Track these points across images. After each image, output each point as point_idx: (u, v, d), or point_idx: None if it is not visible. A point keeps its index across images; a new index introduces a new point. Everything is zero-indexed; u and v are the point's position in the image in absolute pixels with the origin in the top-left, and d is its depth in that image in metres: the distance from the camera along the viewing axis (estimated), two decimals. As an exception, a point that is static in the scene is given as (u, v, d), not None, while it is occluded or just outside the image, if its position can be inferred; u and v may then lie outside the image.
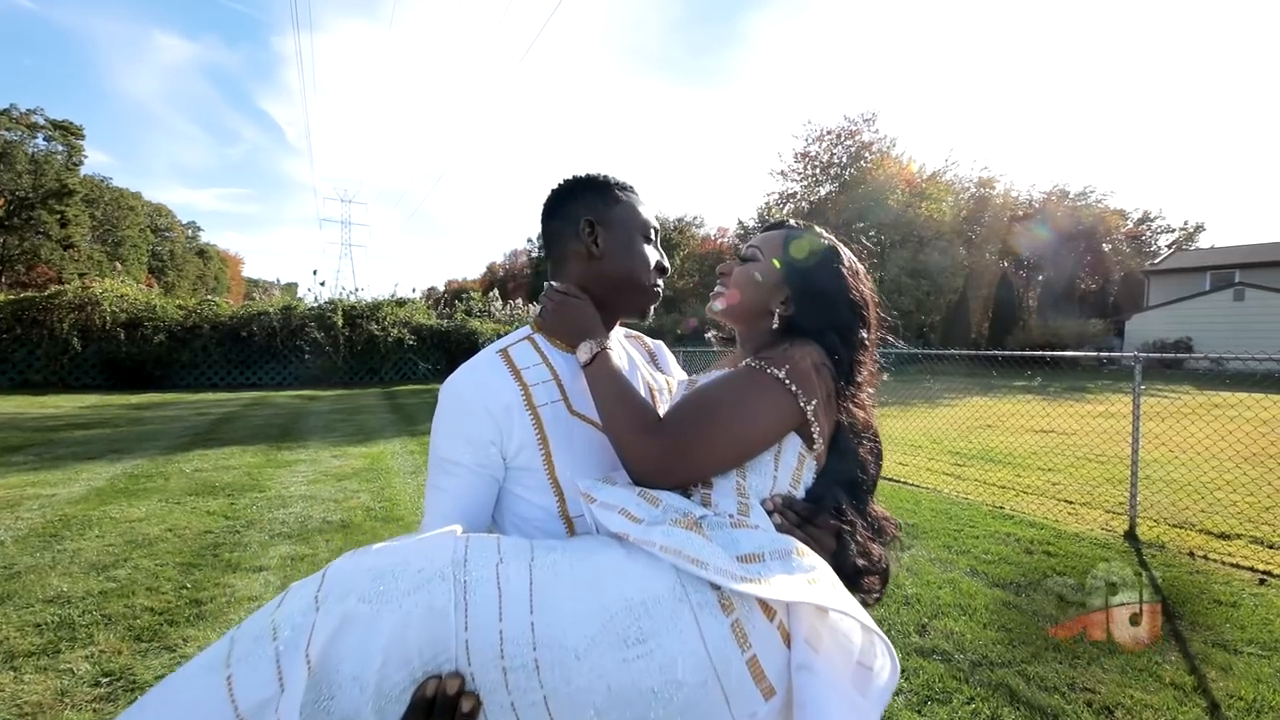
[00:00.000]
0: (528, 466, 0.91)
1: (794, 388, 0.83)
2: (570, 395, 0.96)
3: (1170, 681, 2.29)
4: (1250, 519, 4.47)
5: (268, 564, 3.38)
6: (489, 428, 0.89)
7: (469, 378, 0.93)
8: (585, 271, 1.01)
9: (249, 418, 9.33)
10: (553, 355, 0.99)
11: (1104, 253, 33.95)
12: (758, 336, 1.01)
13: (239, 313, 15.36)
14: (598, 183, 1.03)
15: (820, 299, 0.95)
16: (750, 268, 1.00)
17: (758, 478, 0.85)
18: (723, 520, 0.78)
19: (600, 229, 1.00)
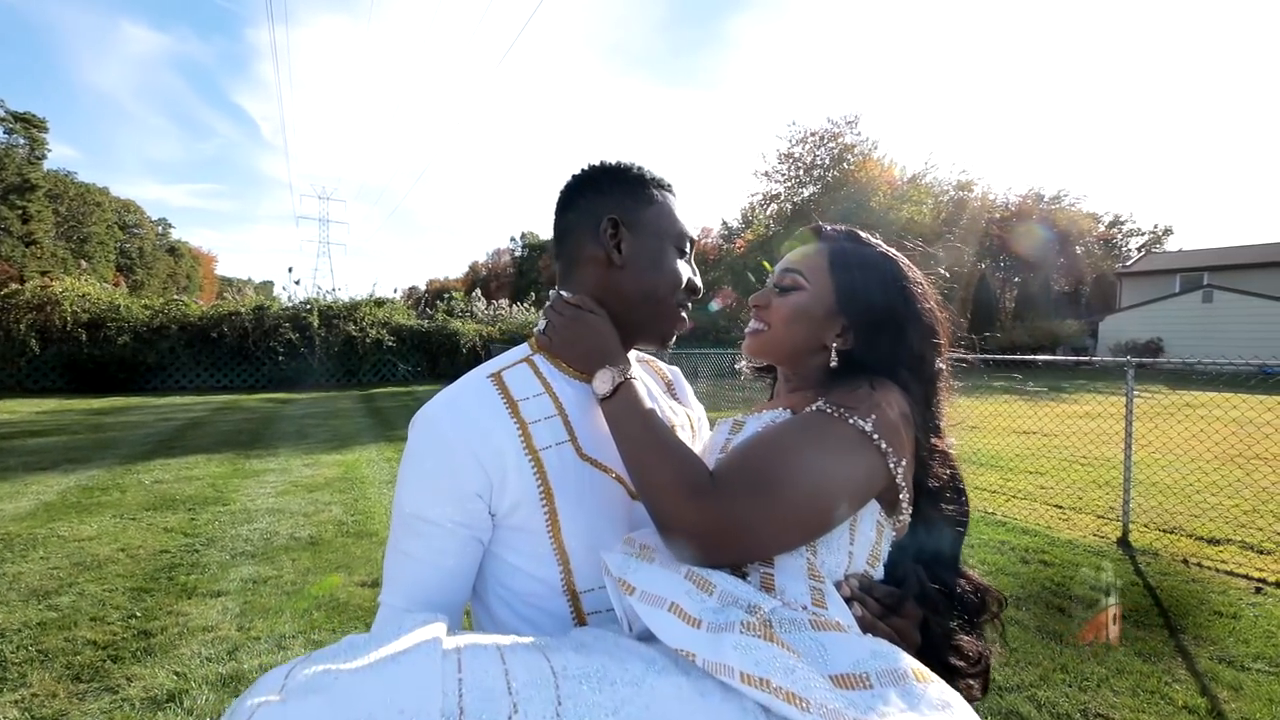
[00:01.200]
0: (524, 527, 0.73)
1: (883, 444, 0.66)
2: (580, 435, 0.77)
3: (1184, 704, 2.20)
4: (1238, 523, 4.46)
5: (227, 588, 3.14)
6: (476, 476, 0.71)
7: (451, 410, 0.73)
8: (601, 282, 0.82)
9: (217, 423, 8.95)
10: (558, 383, 0.81)
11: (1077, 255, 34.71)
12: (808, 374, 0.84)
13: (209, 313, 14.84)
14: (629, 175, 0.84)
15: (887, 328, 0.78)
16: (794, 300, 0.82)
17: (830, 555, 0.68)
18: (798, 617, 0.59)
19: (626, 232, 0.81)
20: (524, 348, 0.86)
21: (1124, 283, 29.59)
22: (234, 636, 2.63)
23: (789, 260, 0.86)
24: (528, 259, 59.08)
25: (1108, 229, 36.73)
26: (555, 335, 0.82)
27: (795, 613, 0.60)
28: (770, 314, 0.84)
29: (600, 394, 0.75)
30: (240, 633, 2.66)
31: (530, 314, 19.87)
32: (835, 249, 0.84)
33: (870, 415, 0.67)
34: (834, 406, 0.69)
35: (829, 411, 0.68)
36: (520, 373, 0.80)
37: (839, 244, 0.85)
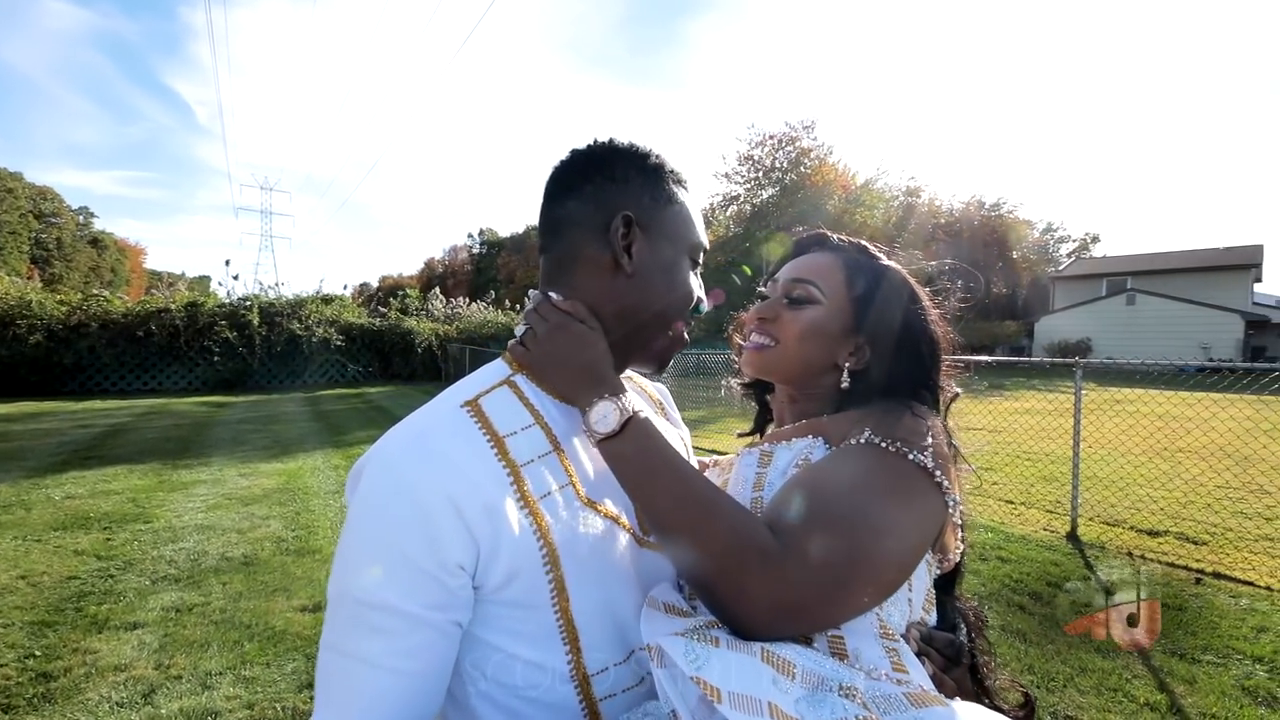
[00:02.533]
0: (522, 603, 0.57)
1: (944, 481, 0.60)
2: (579, 473, 0.63)
3: (1145, 702, 2.24)
4: (1172, 514, 4.71)
5: (145, 619, 2.81)
6: (460, 543, 0.54)
7: (422, 453, 0.56)
8: (602, 290, 0.67)
9: (142, 430, 8.26)
10: (547, 408, 0.66)
11: (1014, 259, 36.66)
12: (816, 394, 0.77)
13: (135, 309, 13.77)
14: (648, 164, 0.69)
15: (904, 347, 0.74)
16: (810, 315, 0.76)
17: (895, 607, 0.61)
18: (891, 693, 0.51)
19: (641, 234, 0.67)
20: (499, 366, 0.69)
21: (1056, 286, 31.47)
22: (151, 676, 2.35)
23: (800, 270, 0.78)
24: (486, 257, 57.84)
25: (1041, 235, 38.96)
26: (537, 347, 0.66)
27: (885, 686, 0.52)
28: (780, 328, 0.77)
29: (602, 431, 0.59)
30: (158, 671, 2.38)
31: (490, 313, 19.32)
32: (850, 261, 0.78)
33: (926, 448, 0.60)
34: (888, 440, 0.61)
35: (884, 446, 0.61)
36: (502, 399, 0.64)
37: (853, 256, 0.79)
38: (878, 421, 0.64)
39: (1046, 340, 25.32)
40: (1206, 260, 27.54)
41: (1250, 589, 3.34)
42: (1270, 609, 3.07)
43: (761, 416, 0.92)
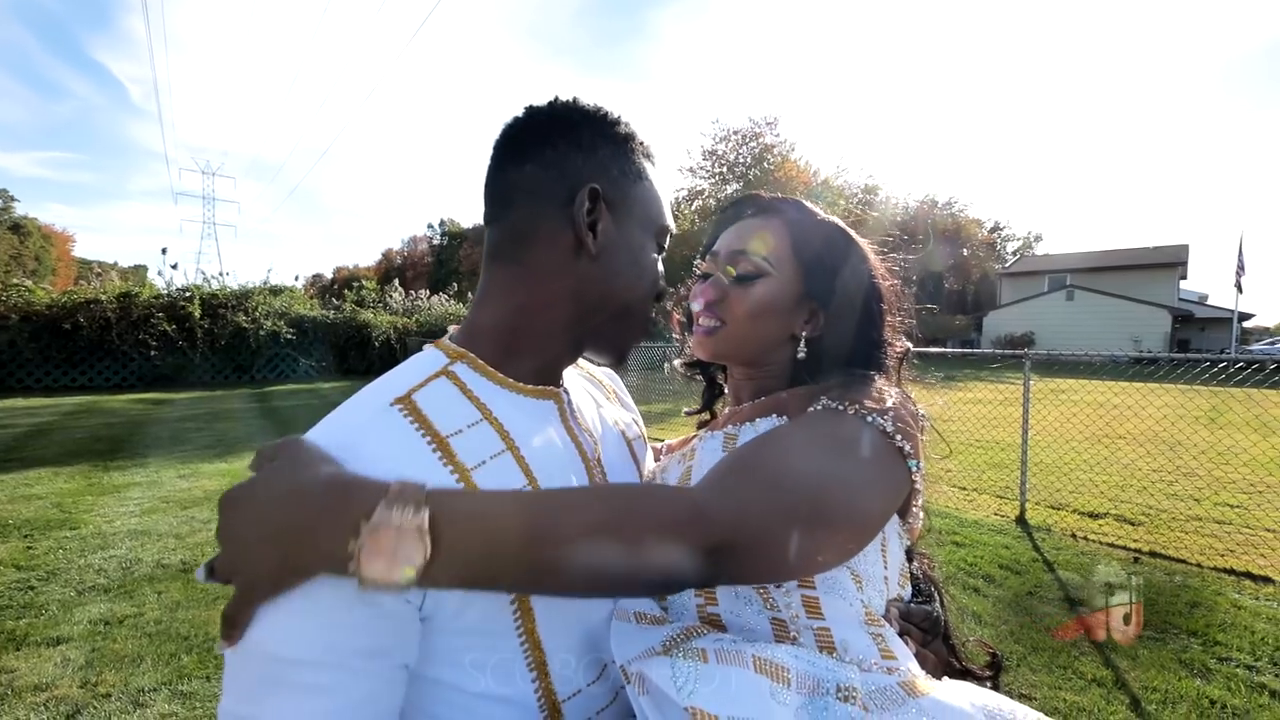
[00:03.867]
0: (482, 629, 0.50)
1: (905, 446, 0.58)
2: (539, 473, 0.56)
3: (1093, 678, 2.34)
4: (1111, 497, 4.97)
5: (70, 633, 2.59)
6: None
7: (350, 464, 0.47)
8: (562, 272, 0.60)
9: (69, 429, 7.68)
10: (496, 401, 0.58)
11: (964, 256, 38.23)
12: (772, 370, 0.74)
13: (60, 300, 12.79)
14: (618, 131, 0.62)
15: (858, 309, 0.71)
16: (760, 291, 0.71)
17: (873, 589, 0.60)
18: (886, 684, 0.50)
19: (607, 212, 0.60)
20: (434, 354, 0.61)
21: (1003, 282, 32.99)
22: (75, 695, 2.16)
23: (742, 240, 0.74)
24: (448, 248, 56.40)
25: (989, 233, 40.72)
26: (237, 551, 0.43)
27: (878, 678, 0.51)
28: (729, 308, 0.72)
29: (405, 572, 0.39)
30: (84, 690, 2.19)
31: (452, 306, 18.80)
32: (793, 223, 0.74)
33: (887, 413, 0.59)
34: (842, 402, 0.60)
35: (839, 408, 0.59)
36: (440, 393, 0.56)
37: (794, 217, 0.75)
38: (838, 390, 0.63)
39: (994, 334, 26.50)
40: (1138, 259, 29.34)
41: (1183, 566, 3.56)
42: (1201, 585, 3.27)
43: (710, 392, 0.88)
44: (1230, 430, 6.90)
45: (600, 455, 0.67)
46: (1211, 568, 3.53)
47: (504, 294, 0.61)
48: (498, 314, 0.62)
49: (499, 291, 0.62)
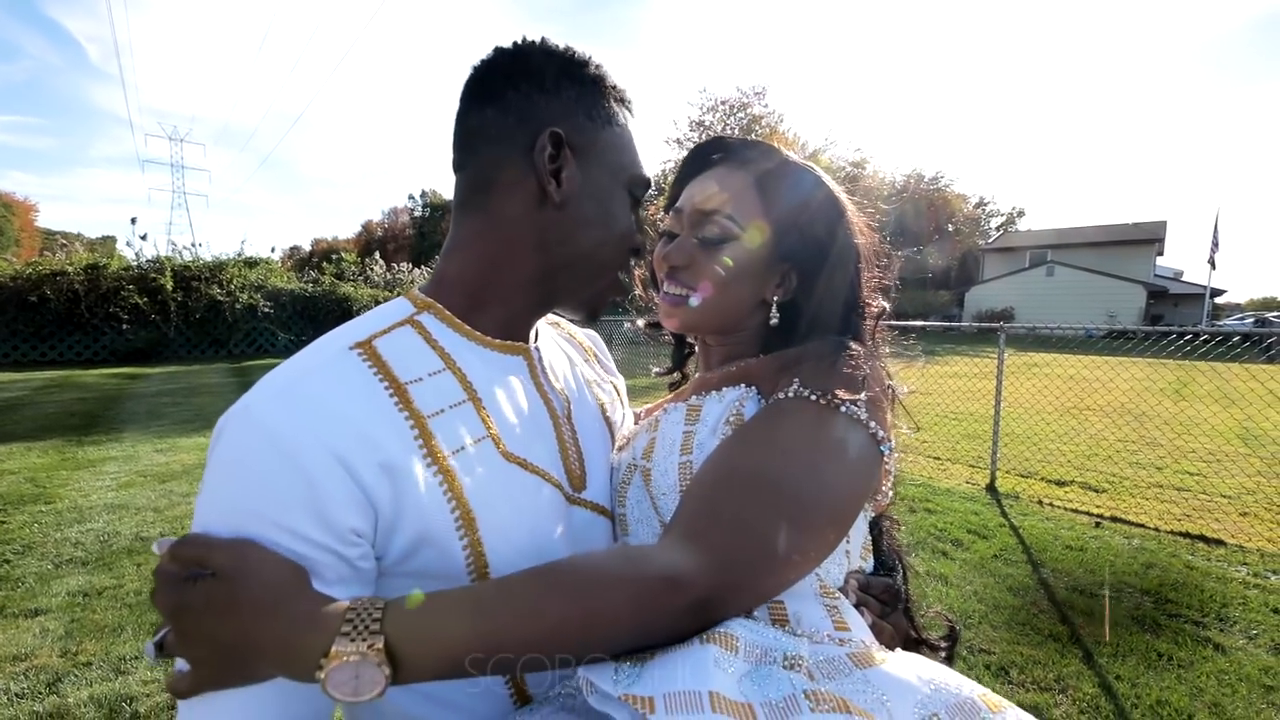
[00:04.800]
0: (432, 573, 0.50)
1: (878, 431, 0.56)
2: (499, 424, 0.56)
3: (1049, 634, 2.46)
4: (1078, 466, 5.15)
5: (48, 604, 2.59)
6: (353, 504, 0.46)
7: (294, 403, 0.47)
8: (525, 222, 0.58)
9: (40, 404, 7.52)
10: (461, 351, 0.58)
11: (949, 232, 38.44)
12: (740, 338, 0.71)
13: (24, 272, 12.36)
14: (587, 72, 0.59)
15: (833, 267, 0.66)
16: (726, 254, 0.66)
17: (833, 563, 0.60)
18: (835, 655, 0.49)
19: (572, 158, 0.58)
20: (401, 303, 0.60)
21: (985, 258, 33.30)
22: (56, 664, 2.17)
23: (707, 197, 0.67)
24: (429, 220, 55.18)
25: (974, 209, 40.92)
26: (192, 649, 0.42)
27: (828, 649, 0.50)
28: (696, 275, 0.67)
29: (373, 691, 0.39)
30: (64, 659, 2.20)
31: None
32: (763, 175, 0.67)
33: (859, 397, 0.56)
34: (814, 390, 0.56)
35: (814, 399, 0.56)
36: (403, 340, 0.55)
37: (763, 167, 0.68)
38: (810, 370, 0.59)
39: (975, 309, 26.85)
40: (1116, 235, 29.74)
41: (1141, 530, 3.72)
42: (1157, 547, 3.42)
43: (679, 352, 0.85)
44: (1195, 402, 7.12)
45: (571, 413, 0.67)
46: (1168, 531, 3.69)
47: (470, 244, 0.60)
48: (464, 265, 0.60)
49: (465, 242, 0.60)
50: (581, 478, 0.64)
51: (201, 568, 0.42)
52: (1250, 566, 3.18)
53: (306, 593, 0.43)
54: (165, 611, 0.42)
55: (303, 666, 0.40)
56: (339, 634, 0.39)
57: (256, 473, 0.44)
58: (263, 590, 0.41)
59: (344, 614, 0.41)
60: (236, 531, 0.44)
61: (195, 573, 0.42)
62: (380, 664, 0.39)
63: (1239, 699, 2.09)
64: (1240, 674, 2.22)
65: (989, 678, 2.17)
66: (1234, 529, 3.72)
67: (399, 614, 0.41)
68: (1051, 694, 2.09)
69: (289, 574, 0.43)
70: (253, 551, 0.43)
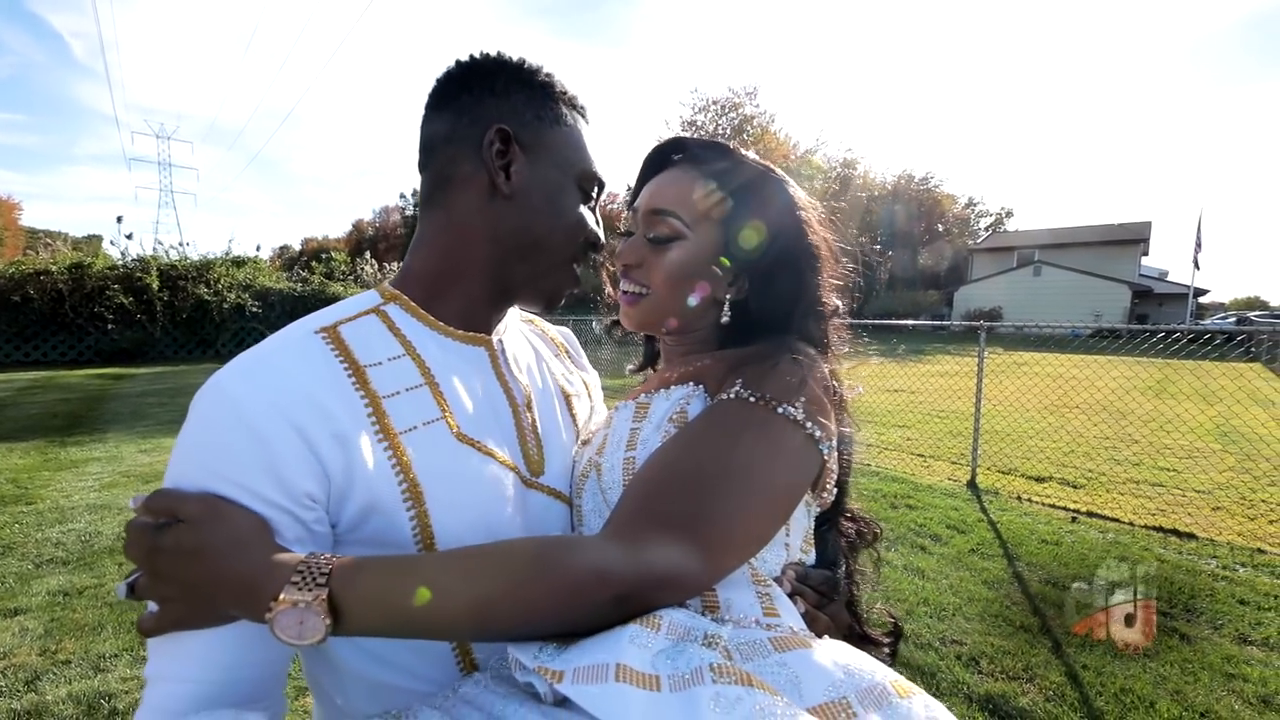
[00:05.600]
0: (381, 542, 0.54)
1: (815, 431, 0.57)
2: (455, 409, 0.60)
3: (1020, 625, 2.52)
4: (1057, 462, 5.23)
5: (28, 604, 2.58)
6: (308, 470, 0.50)
7: (257, 378, 0.51)
8: (479, 214, 0.62)
9: (22, 405, 7.44)
10: (423, 341, 0.62)
11: (939, 232, 38.75)
12: (697, 337, 0.72)
13: (7, 272, 12.21)
14: (534, 80, 0.64)
15: (786, 268, 0.68)
16: (676, 255, 0.67)
17: (770, 553, 0.61)
18: (757, 638, 0.50)
19: (520, 152, 0.62)
20: (372, 295, 0.65)
21: (974, 258, 33.60)
22: (34, 663, 2.17)
23: (659, 198, 0.69)
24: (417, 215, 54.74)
25: (963, 209, 41.28)
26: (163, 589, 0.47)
27: (752, 632, 0.52)
28: (648, 274, 0.68)
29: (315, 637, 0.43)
30: (43, 657, 2.20)
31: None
32: (714, 175, 0.68)
33: (799, 399, 0.57)
34: (757, 394, 0.58)
35: (751, 399, 0.57)
36: (367, 327, 0.60)
37: (717, 167, 0.69)
38: (752, 372, 0.60)
39: (964, 309, 27.08)
40: (1102, 235, 30.10)
41: (1116, 525, 3.80)
42: (1130, 541, 3.50)
43: (649, 348, 0.86)
44: (1175, 400, 7.25)
45: (532, 403, 0.70)
46: (1143, 526, 3.77)
47: (432, 239, 0.64)
48: (426, 258, 0.65)
49: (428, 237, 0.65)
50: (540, 464, 0.67)
51: (172, 517, 0.46)
52: (1220, 559, 3.26)
53: (265, 542, 0.47)
54: (137, 556, 0.46)
55: (255, 608, 0.44)
56: (289, 582, 0.43)
57: (222, 439, 0.49)
58: (226, 536, 0.46)
59: (296, 565, 0.45)
60: (203, 490, 0.48)
61: (166, 521, 0.46)
62: (322, 614, 0.43)
63: (1200, 686, 2.15)
64: (1203, 662, 2.28)
65: (960, 667, 2.22)
66: (1205, 523, 3.81)
67: (345, 571, 0.45)
68: (1019, 683, 2.14)
69: (251, 525, 0.47)
70: (219, 503, 0.47)
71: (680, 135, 0.74)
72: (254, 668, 0.50)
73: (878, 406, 7.89)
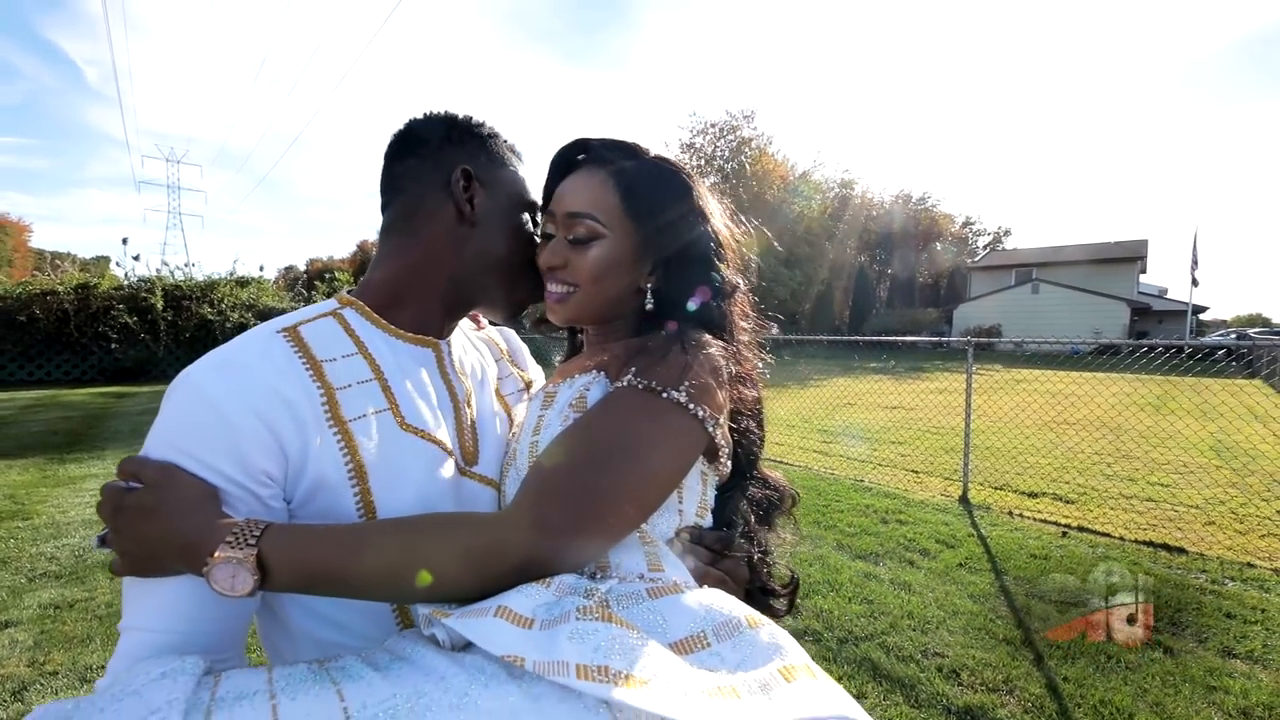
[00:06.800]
0: (327, 515, 0.61)
1: (699, 411, 0.63)
2: (402, 402, 0.68)
3: (1003, 638, 2.52)
4: (1051, 478, 5.23)
5: (18, 616, 2.61)
6: (266, 451, 0.57)
7: (225, 370, 0.59)
8: (447, 238, 0.72)
9: (24, 423, 7.51)
10: (375, 342, 0.70)
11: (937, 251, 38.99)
12: (618, 326, 0.78)
13: (14, 292, 12.36)
14: (483, 131, 0.77)
15: (694, 255, 0.74)
16: (597, 253, 0.72)
17: (662, 518, 0.67)
18: (635, 589, 0.57)
19: (480, 188, 0.74)
20: (331, 301, 0.73)
21: (973, 276, 33.75)
22: (22, 674, 2.19)
23: (573, 200, 0.74)
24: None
25: (961, 228, 41.61)
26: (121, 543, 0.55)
27: (632, 585, 0.59)
28: (572, 273, 0.74)
29: (244, 589, 0.51)
30: (32, 669, 2.23)
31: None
32: (621, 175, 0.73)
33: (683, 383, 0.63)
34: (643, 380, 0.63)
35: (639, 385, 0.63)
36: (324, 328, 0.68)
37: (622, 166, 0.74)
38: (643, 361, 0.65)
39: (963, 326, 27.13)
40: (1099, 253, 30.25)
41: (1106, 539, 3.79)
42: (1121, 555, 3.50)
43: (572, 343, 0.91)
44: (1174, 416, 7.24)
45: (472, 399, 0.78)
46: (1133, 541, 3.77)
47: (396, 256, 0.73)
48: (387, 273, 0.73)
49: (392, 254, 0.74)
50: (474, 453, 0.74)
51: (137, 481, 0.55)
52: (1209, 574, 3.26)
53: (211, 508, 0.54)
54: (105, 513, 0.55)
55: (195, 562, 0.51)
56: (224, 541, 0.51)
57: (190, 422, 0.57)
58: (177, 500, 0.53)
59: (231, 527, 0.52)
60: (166, 461, 0.56)
61: (131, 484, 0.55)
62: (251, 569, 0.50)
63: (1181, 699, 2.15)
64: (1185, 675, 2.28)
65: (940, 679, 2.22)
66: (1196, 538, 3.80)
67: (275, 535, 0.52)
68: (999, 695, 2.14)
69: (200, 492, 0.55)
70: (175, 471, 0.55)
71: (583, 137, 0.79)
72: (214, 622, 0.57)
73: (873, 423, 7.91)
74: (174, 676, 0.46)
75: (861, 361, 16.86)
